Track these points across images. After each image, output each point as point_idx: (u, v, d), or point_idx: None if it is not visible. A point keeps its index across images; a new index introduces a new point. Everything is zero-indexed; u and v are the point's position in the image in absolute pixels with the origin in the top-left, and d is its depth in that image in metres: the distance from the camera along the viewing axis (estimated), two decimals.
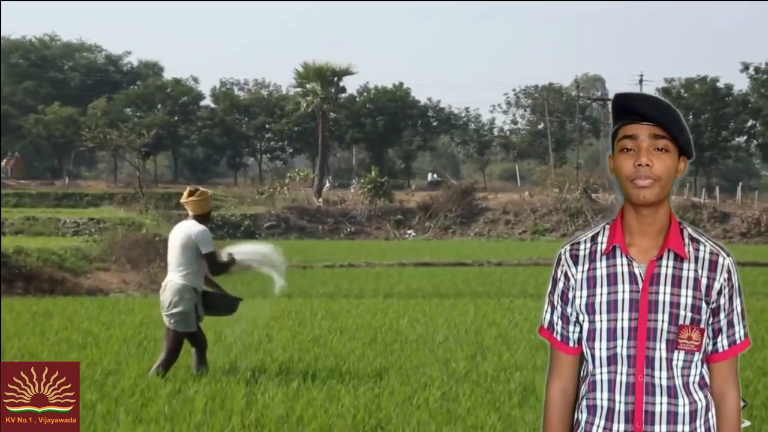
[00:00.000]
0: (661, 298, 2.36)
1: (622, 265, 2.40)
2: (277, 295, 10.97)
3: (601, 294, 2.40)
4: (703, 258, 2.39)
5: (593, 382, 2.43)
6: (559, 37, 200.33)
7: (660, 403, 2.34)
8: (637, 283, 2.38)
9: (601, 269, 2.42)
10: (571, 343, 2.49)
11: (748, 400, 3.54)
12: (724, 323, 2.41)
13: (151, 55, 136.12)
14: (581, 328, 2.46)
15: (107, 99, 67.17)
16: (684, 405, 2.35)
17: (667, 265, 2.38)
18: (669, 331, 2.35)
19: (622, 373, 2.37)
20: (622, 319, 2.37)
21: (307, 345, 10.04)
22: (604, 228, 2.48)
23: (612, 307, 2.39)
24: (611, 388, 2.39)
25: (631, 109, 2.36)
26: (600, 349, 2.41)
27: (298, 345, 10.04)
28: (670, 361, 2.35)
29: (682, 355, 2.36)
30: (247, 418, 6.23)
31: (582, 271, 2.45)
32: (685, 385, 2.37)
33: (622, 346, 2.37)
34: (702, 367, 2.41)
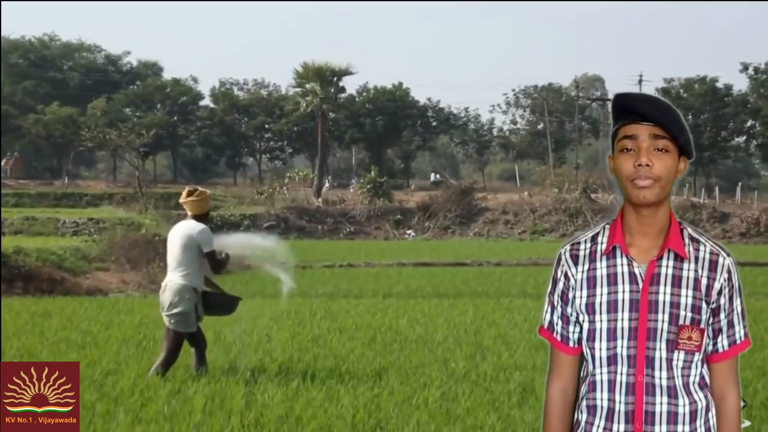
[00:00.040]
0: (661, 298, 2.36)
1: (622, 265, 2.40)
2: (285, 297, 10.96)
3: (601, 294, 2.40)
4: (704, 258, 2.39)
5: (593, 383, 2.43)
6: (559, 37, 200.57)
7: (660, 403, 2.34)
8: (637, 283, 2.38)
9: (601, 269, 2.42)
10: (571, 344, 2.49)
11: (748, 400, 3.53)
12: (724, 323, 2.41)
13: (151, 55, 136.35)
14: (581, 328, 2.46)
15: (107, 99, 67.20)
16: (684, 405, 2.35)
17: (667, 265, 2.38)
18: (669, 331, 2.35)
19: (622, 374, 2.37)
20: (622, 319, 2.37)
21: (307, 345, 10.03)
22: (604, 228, 2.48)
23: (612, 307, 2.39)
24: (611, 389, 2.39)
25: (631, 109, 2.36)
26: (600, 349, 2.41)
27: (297, 345, 10.03)
28: (670, 361, 2.35)
29: (682, 355, 2.36)
30: (247, 418, 6.23)
31: (582, 271, 2.45)
32: (685, 386, 2.37)
33: (622, 346, 2.37)
34: (702, 367, 2.41)
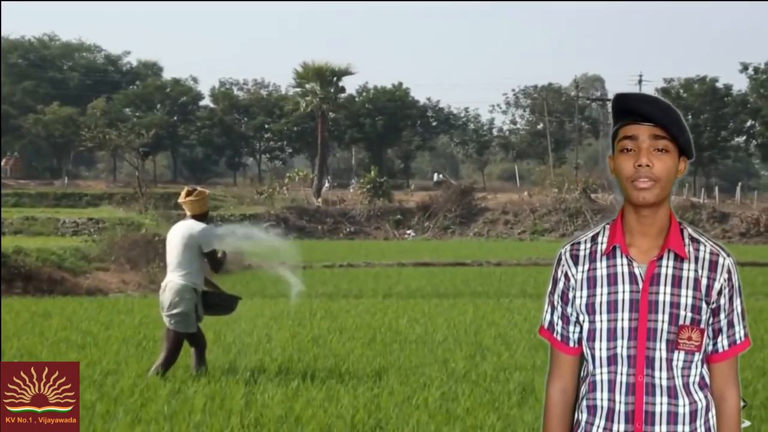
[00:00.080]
0: (661, 298, 2.36)
1: (623, 265, 2.40)
2: (293, 299, 10.95)
3: (602, 294, 2.41)
4: (704, 258, 2.39)
5: (593, 383, 2.43)
6: (559, 37, 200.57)
7: (660, 403, 2.34)
8: (637, 284, 2.38)
9: (602, 269, 2.42)
10: (571, 344, 2.50)
11: (748, 400, 3.53)
12: (724, 323, 2.41)
13: (151, 55, 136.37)
14: (581, 328, 2.46)
15: (106, 99, 67.20)
16: (684, 405, 2.35)
17: (667, 266, 2.38)
18: (669, 332, 2.35)
19: (622, 374, 2.37)
20: (623, 320, 2.37)
21: (307, 345, 10.03)
22: (604, 228, 2.48)
23: (612, 307, 2.39)
24: (611, 389, 2.39)
25: (632, 109, 2.36)
26: (600, 349, 2.41)
27: (297, 345, 10.03)
28: (670, 361, 2.35)
29: (682, 355, 2.36)
30: (246, 417, 6.23)
31: (582, 272, 2.45)
32: (685, 386, 2.37)
33: (623, 347, 2.37)
34: (702, 367, 2.41)
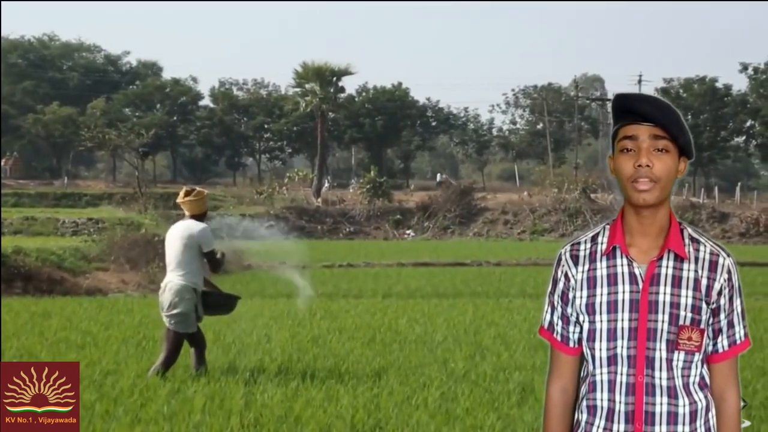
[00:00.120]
0: (661, 298, 2.36)
1: (623, 265, 2.40)
2: (302, 304, 10.94)
3: (602, 294, 2.41)
4: (704, 258, 2.39)
5: (593, 383, 2.43)
6: (559, 37, 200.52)
7: (660, 403, 2.34)
8: (637, 284, 2.38)
9: (602, 270, 2.42)
10: (571, 344, 2.50)
11: (747, 399, 3.53)
12: (724, 323, 2.41)
13: (150, 55, 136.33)
14: (581, 328, 2.46)
15: (106, 99, 67.20)
16: (684, 405, 2.35)
17: (667, 266, 2.38)
18: (669, 332, 2.35)
19: (622, 374, 2.37)
20: (623, 320, 2.37)
21: (306, 345, 10.03)
22: (604, 228, 2.48)
23: (612, 307, 2.39)
24: (611, 389, 2.39)
25: (632, 109, 2.36)
26: (600, 349, 2.41)
27: (296, 345, 10.03)
28: (670, 361, 2.35)
29: (682, 355, 2.36)
30: (246, 417, 6.23)
31: (582, 272, 2.45)
32: (685, 386, 2.37)
33: (623, 347, 2.37)
34: (702, 367, 2.41)
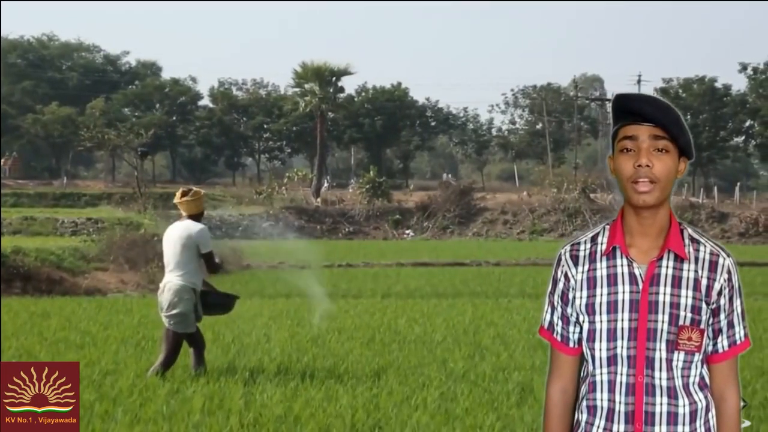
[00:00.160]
0: (661, 298, 2.35)
1: (622, 265, 2.40)
2: (319, 319, 10.93)
3: (601, 294, 2.40)
4: (704, 259, 2.39)
5: (593, 383, 2.43)
6: (558, 37, 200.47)
7: (660, 403, 2.34)
8: (637, 284, 2.38)
9: (601, 270, 2.42)
10: (571, 344, 2.50)
11: (747, 399, 3.54)
12: (724, 324, 2.41)
13: (150, 55, 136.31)
14: (581, 328, 2.46)
15: (105, 99, 67.18)
16: (684, 406, 2.35)
17: (667, 266, 2.38)
18: (669, 332, 2.35)
19: (622, 374, 2.37)
20: (622, 320, 2.37)
21: (306, 345, 10.03)
22: (604, 228, 2.48)
23: (612, 307, 2.39)
24: (611, 389, 2.39)
25: (632, 109, 2.36)
26: (600, 349, 2.41)
27: (296, 345, 10.03)
28: (670, 361, 2.35)
29: (682, 355, 2.36)
30: (246, 417, 6.23)
31: (582, 272, 2.45)
32: (685, 386, 2.37)
33: (622, 347, 2.37)
34: (702, 367, 2.41)
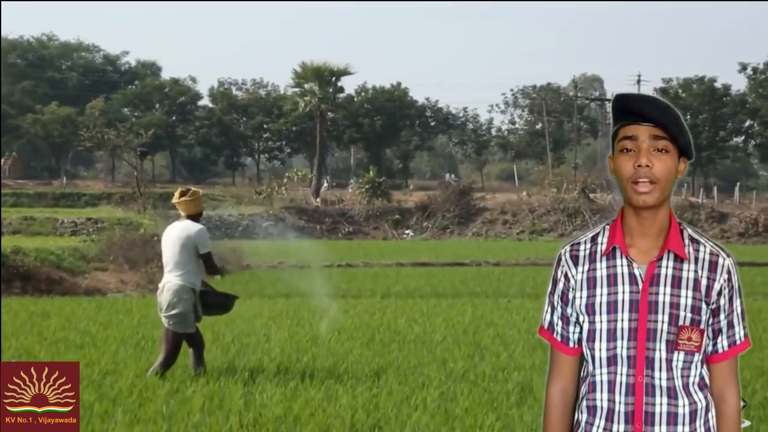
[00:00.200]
0: (661, 299, 2.36)
1: (622, 266, 2.40)
2: (326, 328, 10.93)
3: (601, 295, 2.41)
4: (703, 259, 2.39)
5: (593, 383, 2.43)
6: (558, 37, 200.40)
7: (660, 403, 2.35)
8: (637, 284, 2.38)
9: (601, 270, 2.42)
10: (571, 344, 2.50)
11: (746, 399, 3.54)
12: (724, 324, 2.41)
13: (150, 55, 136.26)
14: (581, 328, 2.46)
15: (105, 99, 67.17)
16: (684, 406, 2.35)
17: (667, 266, 2.38)
18: (669, 332, 2.35)
19: (622, 374, 2.37)
20: (622, 320, 2.37)
21: (305, 345, 10.03)
22: (604, 229, 2.48)
23: (612, 307, 2.39)
24: (611, 389, 2.39)
25: (632, 109, 2.36)
26: (600, 349, 2.41)
27: (295, 345, 10.03)
28: (669, 361, 2.35)
29: (682, 355, 2.36)
30: (245, 417, 6.23)
31: (582, 272, 2.45)
32: (685, 386, 2.37)
33: (622, 347, 2.37)
34: (702, 367, 2.41)
